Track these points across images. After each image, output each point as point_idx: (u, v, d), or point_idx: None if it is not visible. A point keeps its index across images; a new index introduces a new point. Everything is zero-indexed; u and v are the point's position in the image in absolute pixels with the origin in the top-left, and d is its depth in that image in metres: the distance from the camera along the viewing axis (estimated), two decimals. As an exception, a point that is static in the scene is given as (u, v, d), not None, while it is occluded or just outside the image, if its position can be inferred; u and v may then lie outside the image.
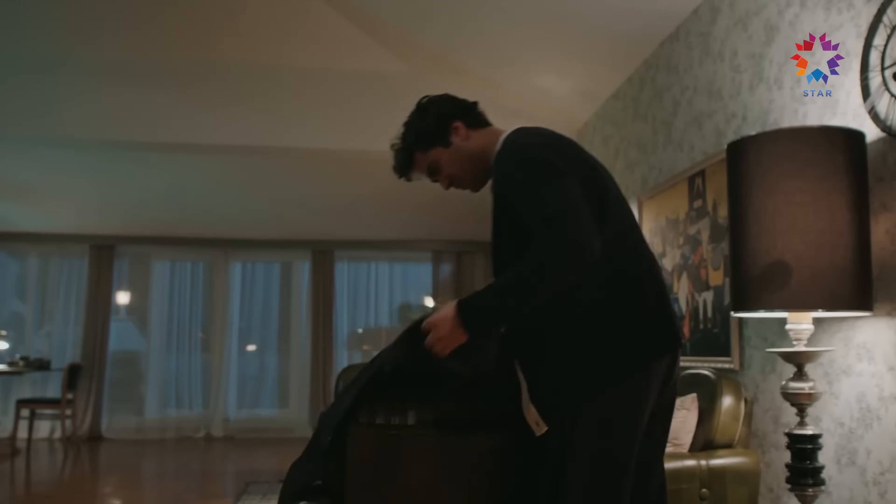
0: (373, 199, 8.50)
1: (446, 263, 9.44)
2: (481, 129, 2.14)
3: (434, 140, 2.11)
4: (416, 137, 2.13)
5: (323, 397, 8.91)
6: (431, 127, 2.11)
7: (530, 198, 1.78)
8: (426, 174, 2.17)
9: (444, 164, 2.12)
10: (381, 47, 6.12)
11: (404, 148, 2.16)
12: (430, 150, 2.11)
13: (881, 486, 2.62)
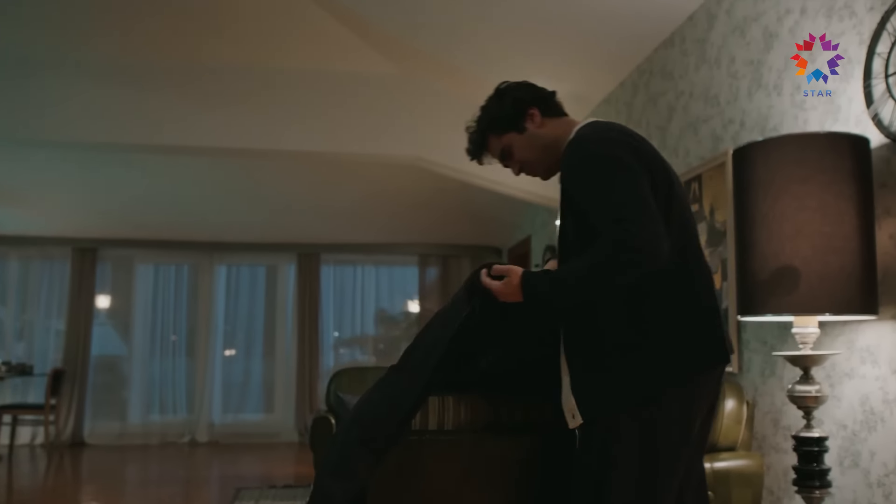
0: (360, 203, 8.49)
1: (433, 267, 9.43)
2: (557, 119, 2.15)
3: (509, 125, 2.11)
4: (491, 121, 2.14)
5: (309, 402, 8.86)
6: (507, 112, 2.12)
7: (596, 194, 1.78)
8: (498, 158, 2.18)
9: (516, 149, 2.13)
10: (372, 50, 6.11)
11: (479, 131, 2.17)
12: (503, 135, 2.13)
13: (886, 488, 2.65)
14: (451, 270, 9.39)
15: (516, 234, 8.65)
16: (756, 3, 3.58)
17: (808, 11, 3.17)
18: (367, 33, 5.97)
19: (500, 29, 5.12)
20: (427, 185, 7.98)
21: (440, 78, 6.27)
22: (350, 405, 5.58)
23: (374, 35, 6.00)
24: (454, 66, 5.95)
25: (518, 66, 5.58)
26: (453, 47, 5.65)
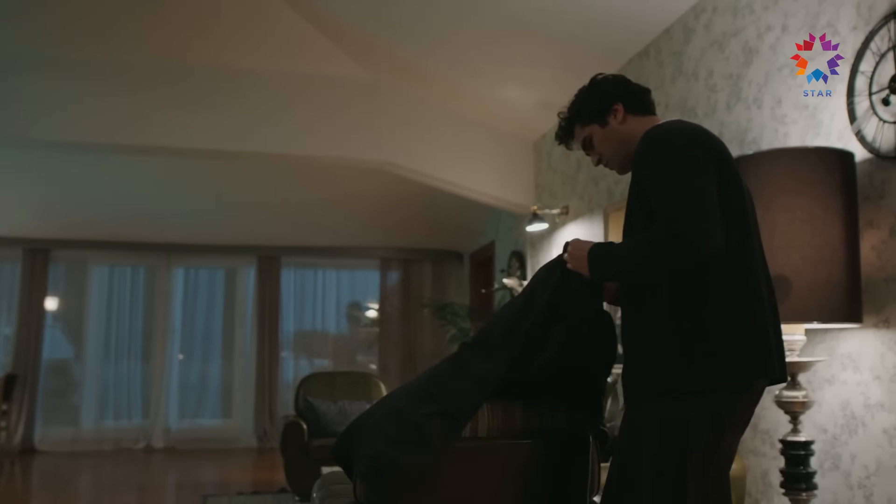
0: (322, 206, 8.44)
1: (394, 271, 9.42)
2: (642, 116, 2.14)
3: (592, 117, 2.15)
4: (577, 111, 2.19)
5: (268, 406, 8.75)
6: (593, 104, 2.16)
7: (660, 182, 1.82)
8: (581, 147, 2.23)
9: (596, 141, 2.17)
10: (344, 54, 6.10)
11: (567, 118, 2.22)
12: (587, 126, 2.17)
13: (867, 489, 2.75)
14: (413, 274, 9.39)
15: (479, 240, 8.70)
16: (735, 19, 3.68)
17: (789, 28, 3.28)
18: (341, 37, 5.96)
19: (475, 37, 5.16)
20: (391, 189, 7.99)
21: (411, 84, 6.28)
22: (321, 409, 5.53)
23: (347, 39, 5.99)
24: (426, 72, 5.97)
25: (491, 74, 5.66)
26: (426, 54, 5.68)
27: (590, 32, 4.64)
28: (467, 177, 6.58)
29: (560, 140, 2.27)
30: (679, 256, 1.75)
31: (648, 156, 1.89)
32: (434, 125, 6.46)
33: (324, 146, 6.32)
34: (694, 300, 1.81)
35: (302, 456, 5.17)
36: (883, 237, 2.71)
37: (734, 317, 1.81)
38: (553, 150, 6.26)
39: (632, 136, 2.08)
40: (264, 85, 6.16)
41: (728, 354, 1.80)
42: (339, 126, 6.29)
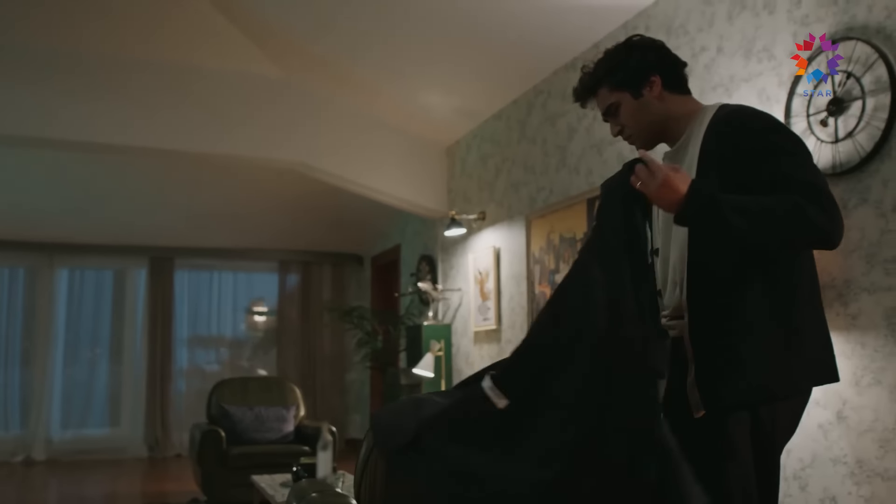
0: (220, 206, 8.18)
1: (293, 274, 9.25)
2: (678, 95, 1.97)
3: (625, 84, 1.94)
4: (608, 72, 1.96)
5: (160, 415, 8.38)
6: (629, 69, 1.93)
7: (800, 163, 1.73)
8: (601, 111, 2.02)
9: (623, 112, 1.96)
10: (261, 51, 5.96)
11: (593, 75, 1.99)
12: (616, 91, 1.95)
13: (802, 480, 2.98)
14: (313, 277, 9.26)
15: (382, 243, 8.70)
16: (668, 38, 3.88)
17: (724, 51, 3.50)
18: (258, 34, 5.82)
19: (399, 42, 5.17)
20: (293, 190, 7.85)
21: (329, 85, 6.21)
22: (237, 416, 5.37)
23: (264, 36, 5.85)
24: (346, 74, 5.93)
25: (412, 79, 5.69)
26: (349, 57, 5.64)
27: (517, 43, 4.75)
28: (381, 180, 6.58)
29: (578, 97, 2.05)
30: (818, 232, 1.65)
31: (773, 131, 1.78)
32: (350, 128, 6.42)
33: (235, 144, 6.15)
34: (789, 300, 1.77)
35: (220, 465, 5.00)
36: (819, 247, 2.93)
37: (818, 320, 1.82)
38: (468, 155, 6.37)
39: (666, 115, 1.94)
40: (172, 78, 5.92)
41: (818, 357, 1.81)
42: (252, 125, 6.14)
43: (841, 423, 2.84)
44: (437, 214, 6.82)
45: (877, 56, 2.72)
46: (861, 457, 2.76)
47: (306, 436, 5.47)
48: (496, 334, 5.65)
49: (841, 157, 2.85)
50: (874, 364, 2.72)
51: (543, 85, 5.15)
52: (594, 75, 1.99)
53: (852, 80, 2.80)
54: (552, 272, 4.86)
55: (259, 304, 9.28)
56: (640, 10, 4.11)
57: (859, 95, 2.78)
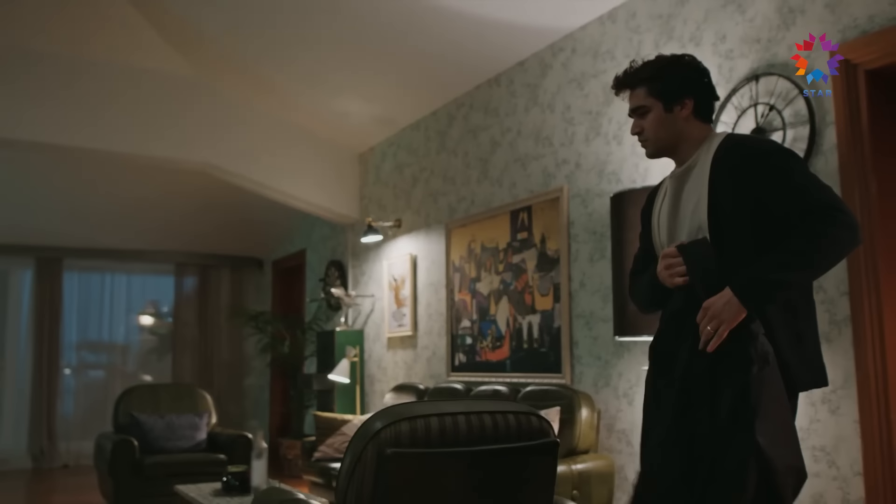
0: (113, 204, 7.85)
1: (190, 277, 8.99)
2: (701, 122, 2.11)
3: (662, 95, 2.07)
4: (652, 79, 2.08)
5: (46, 423, 7.93)
6: (670, 83, 2.07)
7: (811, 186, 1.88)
8: (630, 107, 2.14)
9: (650, 118, 2.09)
10: (172, 49, 5.82)
11: (638, 75, 2.11)
12: (652, 97, 2.08)
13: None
14: (211, 280, 9.04)
15: (285, 247, 8.61)
16: (595, 62, 4.11)
17: (651, 77, 3.74)
18: (172, 32, 5.68)
19: (322, 48, 5.18)
20: (194, 191, 7.66)
21: (242, 87, 6.13)
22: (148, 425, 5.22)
23: (178, 35, 5.71)
24: (263, 77, 5.86)
25: (331, 86, 5.71)
26: (266, 60, 5.59)
27: (441, 56, 4.86)
28: (293, 185, 6.54)
29: (618, 84, 2.16)
30: (852, 243, 1.84)
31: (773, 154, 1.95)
32: (263, 131, 6.35)
33: (142, 144, 5.97)
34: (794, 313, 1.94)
35: (134, 476, 4.83)
36: (740, 263, 3.20)
37: (815, 330, 1.99)
38: (383, 163, 6.43)
39: (684, 135, 2.09)
40: (76, 72, 5.68)
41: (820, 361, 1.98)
42: (162, 124, 5.98)
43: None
44: (349, 220, 6.84)
45: (797, 92, 3.01)
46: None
47: (220, 444, 5.37)
48: (411, 340, 5.75)
49: (762, 182, 3.12)
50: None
51: (465, 98, 5.29)
52: (638, 74, 2.11)
53: (774, 112, 3.09)
54: (473, 280, 5.00)
55: (154, 308, 8.97)
56: (567, 32, 4.31)
57: (780, 126, 3.06)
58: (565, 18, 4.22)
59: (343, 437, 5.05)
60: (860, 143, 2.81)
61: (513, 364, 4.57)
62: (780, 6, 3.13)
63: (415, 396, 5.09)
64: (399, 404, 2.21)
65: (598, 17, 4.10)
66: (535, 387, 4.03)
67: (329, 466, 4.80)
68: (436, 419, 2.12)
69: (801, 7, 3.05)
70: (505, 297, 4.69)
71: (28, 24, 5.42)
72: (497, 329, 4.73)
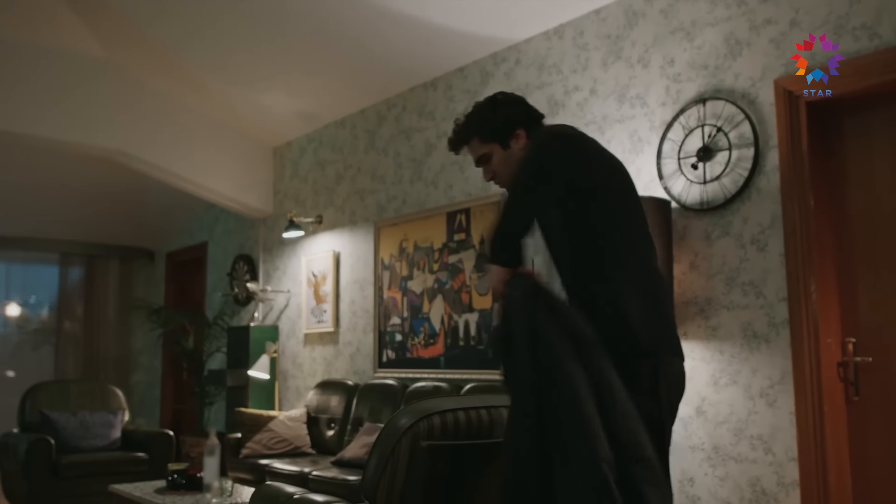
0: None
1: (76, 267, 8.52)
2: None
3: (495, 137, 2.23)
4: (479, 127, 2.25)
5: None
6: (497, 125, 2.23)
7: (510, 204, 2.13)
8: (474, 159, 2.30)
9: (495, 161, 2.25)
10: (84, 25, 5.54)
11: (466, 129, 2.28)
12: (486, 143, 2.24)
13: (662, 465, 3.52)
14: (98, 271, 8.61)
15: (182, 239, 8.34)
16: (540, 74, 4.32)
17: (598, 93, 3.99)
18: (84, 8, 5.40)
19: (247, 41, 5.10)
20: (85, 177, 7.29)
21: (157, 72, 5.92)
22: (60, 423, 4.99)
23: (90, 11, 5.44)
24: (181, 64, 5.69)
25: (254, 78, 5.62)
26: (186, 46, 5.44)
27: (375, 56, 4.89)
28: (205, 175, 6.39)
29: (452, 146, 2.34)
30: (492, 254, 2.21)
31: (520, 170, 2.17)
32: (176, 119, 6.17)
33: (46, 125, 5.66)
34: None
35: (51, 476, 4.60)
36: (684, 270, 3.51)
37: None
38: (301, 158, 6.40)
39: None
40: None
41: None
42: (70, 106, 5.70)
43: (700, 416, 3.42)
44: (260, 214, 6.76)
45: (742, 117, 3.33)
46: (717, 444, 3.35)
47: (135, 441, 5.19)
48: (332, 336, 5.77)
49: (708, 196, 3.43)
50: (731, 367, 3.33)
51: (397, 99, 5.38)
52: (466, 128, 2.29)
53: (720, 133, 3.40)
54: (405, 278, 5.10)
55: (37, 299, 8.44)
56: (511, 44, 4.50)
57: (726, 147, 3.38)
58: (509, 30, 4.40)
59: (271, 433, 5.03)
60: (800, 164, 3.15)
61: (448, 361, 4.71)
62: (727, 37, 3.44)
63: (345, 393, 5.14)
64: (425, 401, 2.32)
65: (544, 31, 4.31)
66: (477, 383, 4.20)
67: (259, 463, 4.77)
68: (462, 413, 2.25)
69: (747, 40, 3.37)
70: (440, 295, 4.83)
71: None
72: (430, 326, 4.86)
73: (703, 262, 3.45)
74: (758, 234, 3.27)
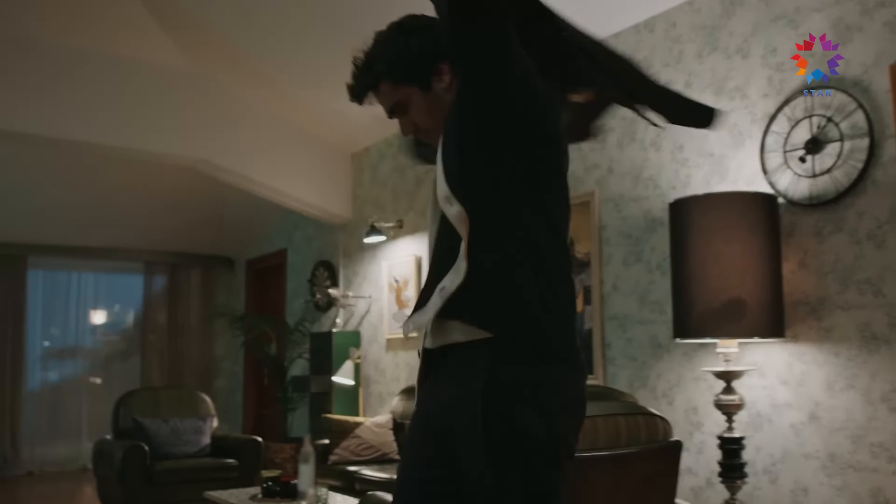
0: (82, 202, 7.57)
1: (160, 276, 8.73)
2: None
3: (410, 77, 1.63)
4: (389, 64, 1.64)
5: (10, 428, 7.57)
6: (412, 59, 1.63)
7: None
8: (386, 110, 1.71)
9: (413, 108, 1.66)
10: (170, 40, 5.64)
11: (372, 71, 1.66)
12: (401, 86, 1.64)
13: (772, 475, 3.36)
14: (180, 279, 8.80)
15: (261, 246, 8.45)
16: (629, 69, 4.19)
17: (693, 86, 3.85)
18: (171, 23, 5.51)
19: (322, 46, 5.10)
20: (167, 187, 7.44)
21: (240, 82, 5.99)
22: (151, 430, 5.06)
23: (177, 26, 5.55)
24: (263, 72, 5.75)
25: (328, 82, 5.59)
26: (266, 55, 5.49)
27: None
28: (285, 183, 6.44)
29: (355, 95, 1.71)
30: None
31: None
32: (257, 127, 6.23)
33: (133, 137, 5.78)
34: None
35: (145, 483, 4.68)
36: (792, 268, 3.34)
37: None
38: (380, 163, 6.39)
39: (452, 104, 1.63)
40: (66, 62, 5.46)
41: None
42: (154, 118, 5.80)
43: (813, 422, 3.24)
44: (340, 220, 6.78)
45: (855, 105, 3.14)
46: (833, 451, 3.17)
47: (224, 448, 5.25)
48: (415, 341, 5.71)
49: (818, 190, 3.26)
50: (847, 371, 3.14)
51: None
52: (372, 69, 1.67)
53: (831, 124, 3.22)
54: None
55: (122, 308, 8.67)
56: (598, 40, 4.37)
57: (837, 138, 3.20)
58: (596, 26, 4.26)
59: (358, 439, 5.02)
60: (922, 155, 2.96)
61: (536, 365, 4.60)
62: (835, 22, 3.27)
63: (430, 398, 5.08)
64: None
65: (634, 25, 4.18)
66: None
67: (348, 470, 4.76)
68: (579, 422, 2.17)
69: (858, 25, 3.19)
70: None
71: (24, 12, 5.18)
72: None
73: (813, 259, 3.28)
74: (875, 229, 3.09)
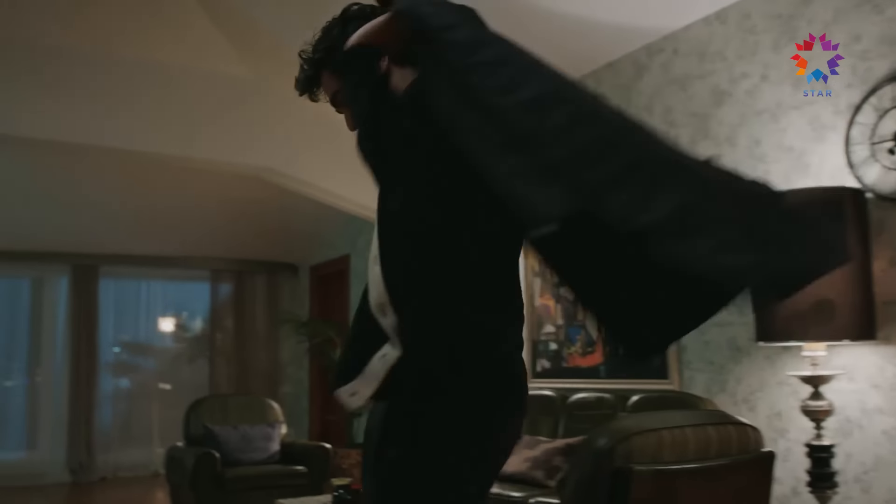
0: (150, 212, 7.72)
1: (226, 283, 8.86)
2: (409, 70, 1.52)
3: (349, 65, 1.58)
4: (325, 53, 1.62)
5: (85, 434, 7.76)
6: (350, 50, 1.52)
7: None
8: (332, 101, 1.69)
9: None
10: (232, 48, 5.69)
11: (314, 61, 1.66)
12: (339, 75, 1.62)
13: (864, 483, 3.18)
14: (246, 286, 8.91)
15: (324, 252, 8.49)
16: (702, 63, 4.05)
17: (769, 78, 3.69)
18: (233, 32, 5.56)
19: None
20: (231, 195, 7.53)
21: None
22: (221, 437, 5.07)
23: (239, 35, 5.60)
24: (320, 78, 5.76)
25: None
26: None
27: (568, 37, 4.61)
28: (348, 189, 6.44)
29: (301, 88, 1.71)
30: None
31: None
32: (319, 134, 6.23)
33: (198, 147, 5.85)
34: None
35: (216, 490, 4.71)
36: (883, 267, 3.16)
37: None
38: (442, 167, 6.34)
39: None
40: (131, 74, 5.55)
41: None
42: (218, 126, 5.86)
43: (909, 429, 3.06)
44: (402, 225, 6.74)
45: (950, 92, 2.96)
46: (933, 460, 2.98)
47: (293, 454, 5.26)
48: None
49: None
50: (947, 375, 2.96)
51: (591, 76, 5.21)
52: (314, 59, 1.66)
53: (923, 113, 3.04)
54: (557, 285, 4.93)
55: (190, 315, 8.83)
56: (666, 33, 4.25)
57: (930, 128, 3.02)
58: (664, 19, 4.16)
59: (426, 445, 4.96)
60: None
61: (608, 370, 4.50)
62: (926, 5, 3.09)
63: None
64: (622, 420, 2.15)
65: (704, 17, 4.04)
66: (644, 394, 3.96)
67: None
68: (667, 433, 2.07)
69: (951, 6, 3.01)
70: (596, 301, 4.61)
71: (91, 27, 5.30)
72: (587, 334, 4.66)
73: (906, 257, 3.10)
74: (974, 223, 2.90)
